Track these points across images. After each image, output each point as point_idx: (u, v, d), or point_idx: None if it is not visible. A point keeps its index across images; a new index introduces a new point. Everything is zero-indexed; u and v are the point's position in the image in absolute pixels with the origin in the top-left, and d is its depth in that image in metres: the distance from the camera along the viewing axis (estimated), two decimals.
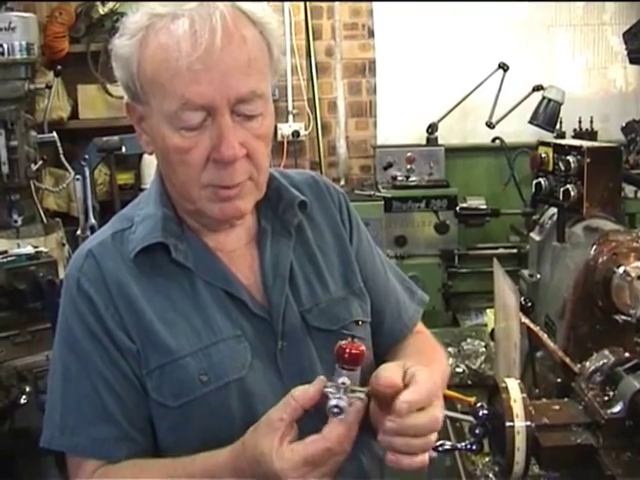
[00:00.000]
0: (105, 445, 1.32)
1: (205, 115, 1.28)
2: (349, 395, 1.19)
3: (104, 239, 1.42)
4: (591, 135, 4.39)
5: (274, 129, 1.43)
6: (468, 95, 4.61)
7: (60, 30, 4.38)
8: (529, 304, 1.95)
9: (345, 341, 1.22)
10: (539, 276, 2.41)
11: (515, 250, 4.30)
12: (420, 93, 4.90)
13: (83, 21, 4.51)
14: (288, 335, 1.40)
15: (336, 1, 4.90)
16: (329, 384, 1.19)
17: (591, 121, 4.46)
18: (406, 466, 1.22)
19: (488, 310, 2.64)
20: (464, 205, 4.42)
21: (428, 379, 1.25)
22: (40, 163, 3.68)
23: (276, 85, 1.35)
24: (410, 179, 4.51)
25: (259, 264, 1.46)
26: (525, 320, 1.87)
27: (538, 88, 4.53)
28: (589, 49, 5.05)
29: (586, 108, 4.63)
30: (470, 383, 2.38)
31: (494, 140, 4.71)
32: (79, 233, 3.68)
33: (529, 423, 1.43)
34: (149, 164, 4.26)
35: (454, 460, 1.98)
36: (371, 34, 4.98)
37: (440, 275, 4.31)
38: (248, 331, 1.39)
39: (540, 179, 2.35)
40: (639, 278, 1.81)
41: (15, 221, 3.56)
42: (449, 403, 2.26)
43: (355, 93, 5.03)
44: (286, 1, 4.68)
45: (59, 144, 3.83)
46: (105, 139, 3.68)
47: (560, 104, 4.41)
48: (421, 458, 1.23)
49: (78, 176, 3.67)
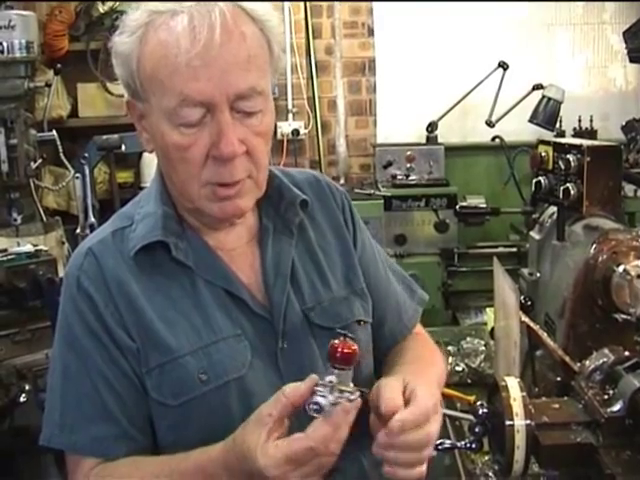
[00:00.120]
0: (104, 443, 1.32)
1: (204, 112, 1.28)
2: (335, 395, 1.16)
3: (104, 237, 1.42)
4: (591, 134, 4.39)
5: (274, 127, 1.43)
6: (468, 94, 4.61)
7: (60, 28, 4.37)
8: (529, 303, 1.95)
9: (338, 340, 1.18)
10: (539, 275, 2.41)
11: (515, 249, 4.30)
12: (420, 92, 4.90)
13: (83, 19, 4.51)
14: (289, 334, 1.40)
15: (336, 1, 4.90)
16: (320, 382, 1.17)
17: (591, 120, 4.46)
18: (403, 478, 1.22)
19: (488, 309, 2.64)
20: (464, 204, 4.42)
21: (427, 397, 1.26)
22: (40, 161, 3.68)
23: (276, 84, 1.35)
24: (410, 178, 4.51)
25: (260, 263, 1.45)
26: (525, 319, 1.87)
27: (538, 87, 4.53)
28: (589, 48, 5.05)
29: (586, 107, 4.63)
30: (470, 382, 2.38)
31: (494, 139, 4.71)
32: (79, 231, 3.68)
33: (529, 422, 1.43)
34: (149, 163, 4.26)
35: (453, 459, 1.98)
36: (371, 33, 4.97)
37: (440, 274, 4.31)
38: (248, 330, 1.39)
39: (540, 178, 2.35)
40: (639, 277, 1.82)
41: (15, 219, 3.56)
42: (449, 402, 2.28)
43: (355, 92, 5.03)
44: (286, 1, 4.68)
45: (59, 142, 3.83)
46: (105, 137, 3.68)
47: (560, 103, 4.41)
48: (418, 470, 1.24)
49: (78, 174, 3.66)
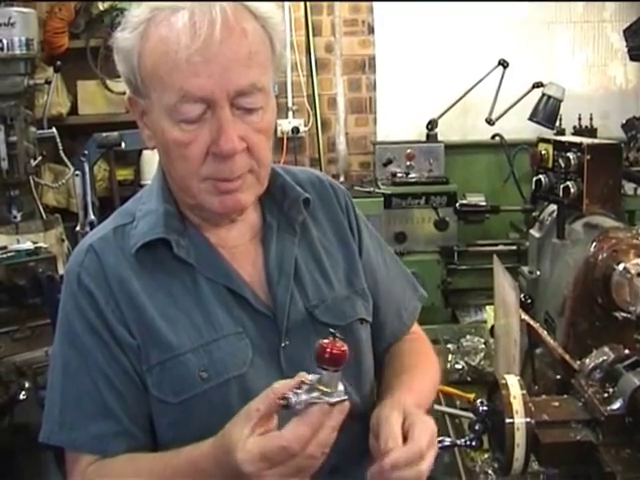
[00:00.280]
0: (104, 441, 1.33)
1: (205, 108, 1.28)
2: (314, 395, 1.11)
3: (105, 234, 1.42)
4: (591, 132, 4.38)
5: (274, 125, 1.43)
6: (468, 92, 4.61)
7: (60, 26, 4.37)
8: (529, 301, 1.95)
9: (326, 340, 1.12)
10: (539, 273, 2.41)
11: (515, 247, 4.29)
12: (420, 90, 4.89)
13: (83, 17, 4.51)
14: (292, 332, 1.40)
15: (336, 1, 4.89)
16: (303, 380, 1.13)
17: (591, 118, 4.46)
18: None
19: (487, 307, 2.63)
20: (464, 202, 4.42)
21: (424, 434, 1.27)
22: (39, 159, 3.68)
23: (276, 81, 1.35)
24: (410, 176, 4.50)
25: (263, 261, 1.46)
26: (525, 317, 1.87)
27: (538, 85, 4.53)
28: (589, 46, 5.04)
29: (586, 105, 4.62)
30: (469, 380, 2.37)
31: (494, 137, 4.72)
32: (78, 229, 3.68)
33: (529, 419, 1.44)
34: (149, 160, 4.26)
35: (453, 456, 1.98)
36: (371, 30, 4.97)
37: (439, 272, 4.30)
38: (250, 328, 1.39)
39: (540, 176, 2.34)
40: (639, 275, 1.81)
41: (14, 217, 3.56)
42: (448, 399, 2.28)
43: (355, 89, 5.03)
44: (287, 0, 4.67)
45: (58, 140, 3.83)
46: (104, 135, 3.68)
47: (560, 101, 4.41)
48: None
49: (77, 172, 3.65)
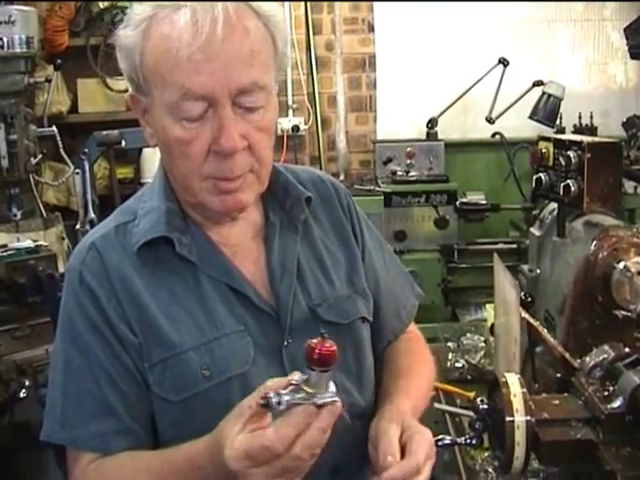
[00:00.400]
0: (105, 439, 1.33)
1: (206, 106, 1.28)
2: (299, 395, 1.09)
3: (107, 232, 1.42)
4: (591, 131, 4.38)
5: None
6: (468, 90, 4.61)
7: (60, 24, 4.37)
8: (529, 299, 1.95)
9: (315, 340, 1.10)
10: (539, 271, 2.41)
11: (515, 245, 4.30)
12: (420, 88, 4.90)
13: (83, 15, 4.51)
14: (295, 331, 1.40)
15: (337, 0, 4.89)
16: (291, 380, 1.11)
17: (591, 117, 4.45)
18: None
19: (487, 305, 2.63)
20: (464, 200, 4.42)
21: (422, 448, 1.28)
22: (40, 157, 3.68)
23: (278, 80, 1.35)
24: (410, 174, 4.50)
25: (265, 259, 1.46)
26: (525, 315, 1.87)
27: (538, 83, 4.53)
28: (589, 44, 5.05)
29: (586, 104, 4.62)
30: (469, 378, 2.37)
31: (494, 135, 4.72)
32: (78, 227, 3.68)
33: (529, 418, 1.44)
34: (149, 158, 4.26)
35: (453, 455, 1.98)
36: (371, 29, 4.97)
37: (440, 270, 4.31)
38: (251, 326, 1.39)
39: (540, 174, 2.34)
40: (639, 273, 1.82)
41: (15, 215, 3.56)
42: (449, 398, 2.28)
43: (355, 88, 5.03)
44: (287, 0, 4.67)
45: (59, 138, 3.83)
46: (105, 133, 3.68)
47: (560, 99, 4.41)
48: None
49: (78, 170, 3.66)
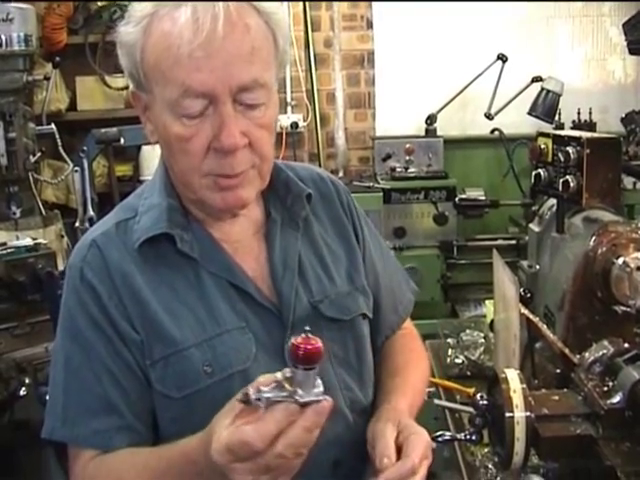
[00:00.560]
0: (106, 436, 1.33)
1: (206, 103, 1.28)
2: (282, 393, 1.07)
3: (108, 229, 1.42)
4: (590, 126, 4.38)
5: None
6: (467, 86, 4.61)
7: (58, 22, 4.36)
8: (528, 295, 1.95)
9: (300, 337, 1.07)
10: (538, 267, 2.41)
11: (514, 241, 4.30)
12: (419, 84, 4.89)
13: (81, 13, 4.50)
14: (297, 327, 1.39)
15: (336, 0, 4.89)
16: (278, 378, 1.09)
17: (590, 112, 4.46)
18: None
19: (487, 301, 2.63)
20: (463, 196, 4.42)
21: (418, 449, 1.29)
22: (39, 155, 3.67)
23: (279, 77, 1.35)
24: (409, 170, 4.50)
25: (266, 256, 1.46)
26: (524, 311, 1.87)
27: (537, 79, 4.52)
28: (588, 40, 5.04)
29: (585, 99, 4.61)
30: (469, 374, 2.37)
31: (493, 131, 4.71)
32: (78, 225, 3.68)
33: (529, 413, 1.44)
34: (147, 156, 4.26)
35: (453, 451, 1.98)
36: (370, 25, 4.96)
37: (439, 266, 4.31)
38: (253, 323, 1.39)
39: (539, 170, 2.34)
40: (638, 269, 1.82)
41: (14, 213, 3.56)
42: (448, 394, 2.28)
43: (354, 84, 5.02)
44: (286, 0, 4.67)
45: (57, 136, 3.82)
46: (103, 131, 3.67)
47: (559, 95, 4.40)
48: None
49: (77, 168, 3.66)
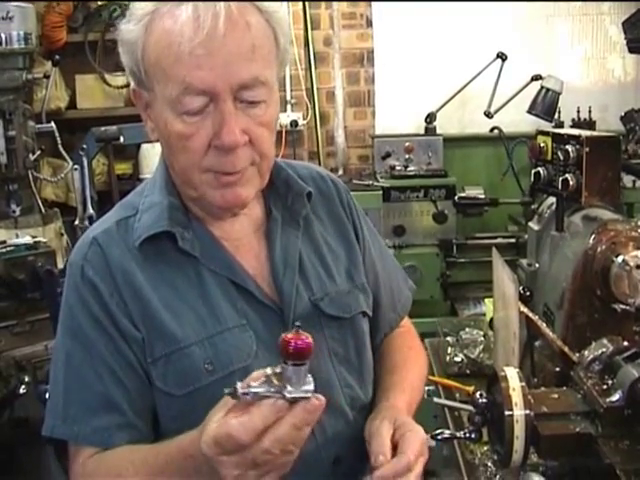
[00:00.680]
0: (106, 433, 1.33)
1: (207, 101, 1.28)
2: (270, 388, 1.07)
3: (109, 227, 1.42)
4: (589, 125, 4.38)
5: None
6: (466, 85, 4.61)
7: (58, 20, 4.36)
8: (528, 293, 1.95)
9: (290, 333, 1.07)
10: (538, 265, 2.41)
11: (513, 239, 4.30)
12: (418, 83, 4.88)
13: (81, 11, 4.50)
14: None
15: (336, 0, 4.89)
16: (268, 373, 1.09)
17: (589, 111, 4.45)
18: None
19: (486, 299, 2.63)
20: (462, 195, 4.41)
21: (413, 445, 1.30)
22: (38, 153, 3.67)
23: (280, 76, 1.36)
24: (408, 169, 4.49)
25: (267, 254, 1.46)
26: (524, 309, 1.87)
27: (537, 78, 4.52)
28: (588, 39, 5.04)
29: (585, 98, 4.61)
30: (468, 372, 2.37)
31: (492, 130, 4.71)
32: (77, 223, 3.67)
33: (528, 412, 1.44)
34: (147, 154, 4.26)
35: (452, 449, 1.98)
36: (369, 24, 4.96)
37: (438, 265, 4.31)
38: (254, 320, 1.40)
39: (539, 168, 2.34)
40: (638, 267, 1.82)
41: (13, 211, 3.55)
42: (447, 392, 2.28)
43: (353, 83, 5.02)
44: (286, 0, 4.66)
45: (57, 134, 3.82)
46: (103, 129, 3.66)
47: (559, 94, 4.40)
48: None
49: (76, 166, 3.65)
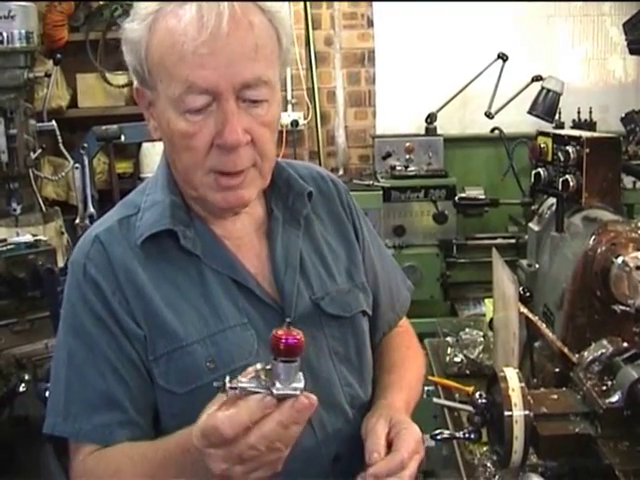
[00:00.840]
0: (107, 431, 1.33)
1: (210, 100, 1.29)
2: (259, 384, 1.06)
3: (111, 225, 1.43)
4: (590, 126, 4.38)
5: None
6: (467, 85, 4.60)
7: (59, 19, 4.36)
8: (528, 294, 1.95)
9: (281, 329, 1.07)
10: (538, 266, 2.41)
11: (514, 240, 4.30)
12: (419, 83, 4.88)
13: (82, 10, 4.50)
14: (298, 324, 1.39)
15: (337, 0, 4.89)
16: (260, 367, 1.09)
17: (590, 112, 4.45)
18: None
19: (486, 300, 2.63)
20: (463, 195, 4.41)
21: (407, 443, 1.31)
22: (39, 152, 3.67)
23: (282, 76, 1.38)
24: (409, 169, 4.49)
25: (268, 253, 1.47)
26: (524, 310, 1.87)
27: (537, 78, 4.52)
28: (588, 40, 5.03)
29: (585, 99, 4.61)
30: (468, 373, 2.37)
31: (493, 130, 4.71)
32: (78, 222, 3.68)
33: (527, 412, 1.44)
34: (148, 153, 4.26)
35: (452, 449, 1.98)
36: (370, 24, 4.95)
37: (438, 265, 4.31)
38: (255, 319, 1.40)
39: (539, 169, 2.35)
40: (637, 268, 1.82)
41: (14, 209, 3.56)
42: (447, 392, 2.28)
43: (354, 83, 5.02)
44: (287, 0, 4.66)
45: (58, 133, 3.82)
46: (104, 128, 3.67)
47: (559, 94, 4.40)
48: None
49: (77, 165, 3.66)
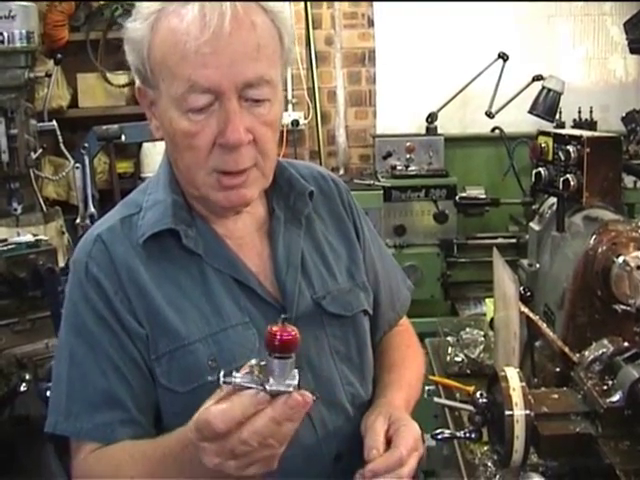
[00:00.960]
0: (109, 429, 1.33)
1: (212, 99, 1.29)
2: (253, 379, 1.06)
3: (113, 224, 1.43)
4: (591, 125, 4.38)
5: None
6: (468, 85, 4.60)
7: (60, 18, 4.35)
8: (528, 294, 1.95)
9: (276, 326, 1.06)
10: (538, 266, 2.41)
11: (514, 240, 4.29)
12: (420, 82, 4.88)
13: (83, 10, 4.50)
14: (300, 323, 1.40)
15: (338, 0, 4.89)
16: (254, 363, 1.09)
17: (591, 111, 4.45)
18: None
19: (487, 299, 2.63)
20: (463, 195, 4.41)
21: (406, 440, 1.32)
22: (40, 151, 3.68)
23: (284, 75, 1.38)
24: (409, 168, 4.49)
25: (269, 252, 1.47)
26: (524, 309, 1.87)
27: (538, 78, 4.52)
28: (589, 39, 5.03)
29: (586, 98, 4.61)
30: (469, 372, 2.37)
31: (493, 130, 4.71)
32: (78, 221, 3.68)
33: (528, 412, 1.44)
34: (148, 153, 4.26)
35: (452, 449, 1.98)
36: (371, 23, 4.95)
37: (439, 264, 4.31)
38: (256, 318, 1.40)
39: (540, 169, 2.34)
40: (638, 268, 1.82)
41: (15, 209, 3.56)
42: (448, 392, 2.28)
43: (355, 82, 5.02)
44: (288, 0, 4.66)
45: (59, 132, 3.83)
46: (105, 128, 3.67)
47: (560, 94, 4.40)
48: None
49: (78, 165, 3.66)
